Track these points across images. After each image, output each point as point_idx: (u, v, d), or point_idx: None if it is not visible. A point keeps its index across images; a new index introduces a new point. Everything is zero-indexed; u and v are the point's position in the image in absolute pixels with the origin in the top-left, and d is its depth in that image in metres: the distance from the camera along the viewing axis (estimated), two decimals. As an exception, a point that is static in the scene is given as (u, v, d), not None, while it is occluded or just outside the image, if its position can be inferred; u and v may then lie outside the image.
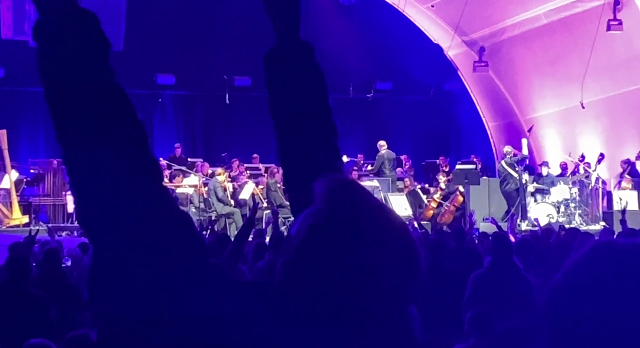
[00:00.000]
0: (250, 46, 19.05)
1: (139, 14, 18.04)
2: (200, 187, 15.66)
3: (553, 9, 16.89)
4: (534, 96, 18.98)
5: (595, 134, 17.27)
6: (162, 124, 20.05)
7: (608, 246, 1.06)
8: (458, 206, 15.59)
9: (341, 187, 1.28)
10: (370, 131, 19.81)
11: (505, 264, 5.88)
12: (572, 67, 16.93)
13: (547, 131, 18.76)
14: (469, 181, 15.31)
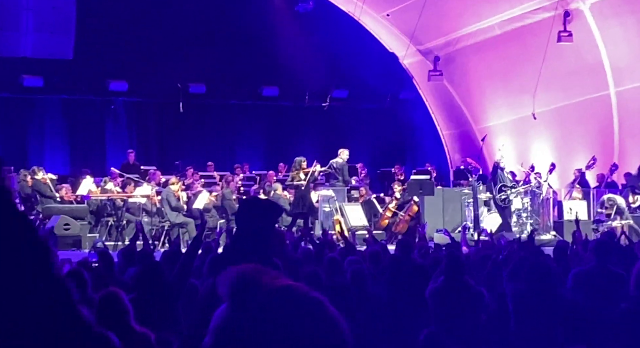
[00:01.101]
0: (205, 53, 18.95)
1: (91, 20, 17.75)
2: (153, 196, 15.44)
3: (506, 20, 17.11)
4: (488, 105, 19.20)
5: (546, 144, 17.54)
6: (115, 131, 19.74)
7: None
8: (413, 216, 15.66)
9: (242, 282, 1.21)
10: (326, 139, 19.81)
11: (458, 284, 5.90)
12: (524, 78, 17.17)
13: (500, 140, 18.97)
14: (424, 191, 15.41)
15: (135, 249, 8.71)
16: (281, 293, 1.20)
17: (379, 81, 20.00)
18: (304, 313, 1.19)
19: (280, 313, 1.18)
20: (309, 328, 1.18)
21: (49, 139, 19.04)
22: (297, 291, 1.22)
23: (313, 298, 1.22)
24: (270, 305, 1.18)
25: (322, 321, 1.20)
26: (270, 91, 20.53)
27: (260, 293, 1.19)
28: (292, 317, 1.19)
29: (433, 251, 8.99)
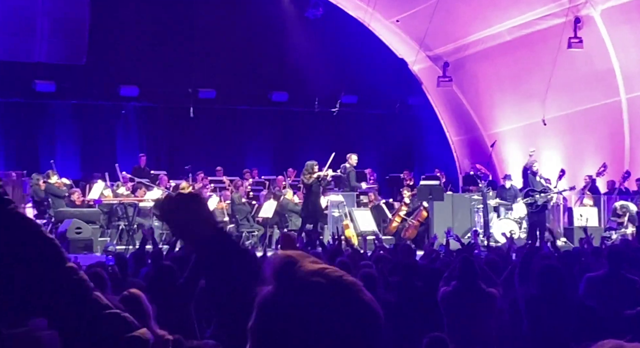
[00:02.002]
0: (216, 58, 19.04)
1: (103, 26, 17.87)
2: (164, 201, 15.47)
3: (516, 26, 17.12)
4: (497, 111, 19.19)
5: (556, 150, 17.51)
6: (126, 136, 19.84)
7: None
8: (422, 222, 15.65)
9: (285, 265, 1.28)
10: (335, 144, 19.82)
11: (471, 288, 5.92)
12: (534, 84, 17.16)
13: (509, 146, 18.97)
14: (433, 197, 15.39)
15: (145, 252, 8.76)
16: (319, 275, 1.26)
17: (388, 86, 20.03)
18: (340, 295, 1.25)
19: (317, 294, 1.24)
20: (345, 310, 1.24)
21: (61, 144, 19.14)
22: (333, 274, 1.27)
23: (349, 281, 1.28)
24: (308, 286, 1.25)
25: (357, 303, 1.26)
26: (280, 97, 20.59)
27: (300, 275, 1.26)
28: (328, 298, 1.24)
29: (444, 256, 9.00)
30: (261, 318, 1.27)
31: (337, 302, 1.25)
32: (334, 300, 1.25)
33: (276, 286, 1.27)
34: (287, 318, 1.24)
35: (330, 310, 1.24)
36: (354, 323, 1.24)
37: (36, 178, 15.15)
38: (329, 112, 20.63)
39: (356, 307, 1.26)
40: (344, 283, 1.27)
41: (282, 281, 1.26)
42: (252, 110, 20.72)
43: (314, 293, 1.24)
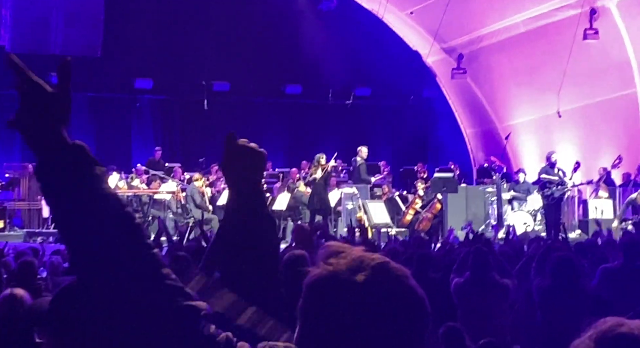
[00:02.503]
0: (230, 51, 19.06)
1: (118, 19, 17.94)
2: (178, 193, 15.58)
3: (531, 18, 17.03)
4: (511, 103, 19.12)
5: (571, 142, 17.42)
6: (140, 129, 19.95)
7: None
8: (436, 214, 15.64)
9: (336, 253, 1.34)
10: (349, 137, 19.83)
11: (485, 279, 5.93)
12: (549, 75, 17.08)
13: (524, 138, 18.90)
14: (447, 189, 15.37)
15: (160, 244, 8.82)
16: (367, 259, 1.31)
17: (402, 79, 19.99)
18: (387, 280, 1.29)
19: (366, 279, 1.28)
20: (391, 295, 1.28)
21: (76, 136, 18.98)
22: (380, 260, 1.32)
23: (395, 267, 1.32)
24: (355, 268, 1.29)
25: (403, 288, 1.30)
26: (294, 89, 20.60)
27: (348, 258, 1.31)
28: (376, 283, 1.28)
29: (458, 248, 9.01)
30: (310, 300, 1.31)
31: (383, 285, 1.28)
32: (380, 282, 1.28)
33: (325, 268, 1.31)
34: (335, 299, 1.27)
35: (377, 292, 1.27)
36: (399, 306, 1.28)
37: (52, 170, 15.24)
38: (343, 105, 20.63)
39: (402, 291, 1.29)
40: (390, 268, 1.31)
41: (331, 264, 1.30)
42: (266, 102, 20.75)
43: (361, 275, 1.28)
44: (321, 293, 1.29)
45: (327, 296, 1.28)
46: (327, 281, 1.30)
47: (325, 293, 1.29)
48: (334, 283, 1.29)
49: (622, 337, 1.08)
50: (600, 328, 1.11)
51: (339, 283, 1.28)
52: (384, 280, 1.28)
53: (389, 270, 1.30)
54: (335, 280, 1.29)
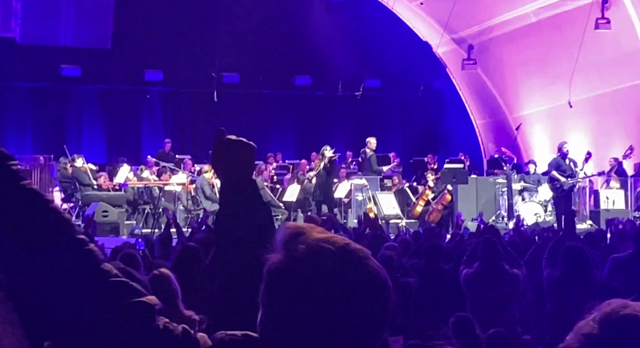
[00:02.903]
0: (239, 43, 19.06)
1: (127, 11, 17.96)
2: (188, 184, 15.63)
3: (542, 7, 16.93)
4: (522, 94, 19.04)
5: (582, 133, 17.34)
6: (150, 121, 20.00)
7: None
8: (446, 205, 15.61)
9: (293, 233, 1.32)
10: (359, 128, 19.82)
11: (494, 269, 5.92)
12: (560, 66, 16.99)
13: (535, 129, 18.83)
14: (457, 180, 15.34)
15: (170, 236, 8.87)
16: (326, 243, 1.29)
17: (412, 70, 19.94)
18: (347, 262, 1.28)
19: (325, 261, 1.27)
20: (352, 276, 1.27)
21: (87, 129, 19.36)
22: (340, 241, 1.31)
23: (356, 248, 1.31)
24: (315, 253, 1.28)
25: (364, 270, 1.28)
26: (304, 81, 20.59)
27: (308, 243, 1.29)
28: (335, 265, 1.27)
29: (468, 239, 9.00)
30: (270, 286, 1.30)
31: (343, 269, 1.27)
32: (341, 266, 1.27)
33: (285, 254, 1.30)
34: (295, 285, 1.27)
35: (338, 276, 1.26)
36: (361, 289, 1.27)
37: (63, 162, 15.34)
38: (353, 96, 20.60)
39: (363, 274, 1.28)
40: (350, 250, 1.30)
41: (290, 249, 1.29)
42: (276, 94, 20.75)
43: (321, 260, 1.27)
44: (281, 280, 1.28)
45: (286, 283, 1.27)
46: (286, 268, 1.28)
47: (285, 280, 1.28)
48: (294, 269, 1.27)
49: (626, 319, 1.08)
50: (605, 310, 1.11)
51: (298, 269, 1.27)
52: (345, 263, 1.27)
53: (349, 253, 1.29)
54: (294, 266, 1.27)
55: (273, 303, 1.29)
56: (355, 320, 1.26)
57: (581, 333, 1.10)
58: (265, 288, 1.31)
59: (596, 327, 1.10)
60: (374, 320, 1.28)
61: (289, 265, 1.28)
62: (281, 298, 1.28)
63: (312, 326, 1.25)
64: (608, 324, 1.09)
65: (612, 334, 1.08)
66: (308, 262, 1.27)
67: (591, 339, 1.08)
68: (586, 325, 1.11)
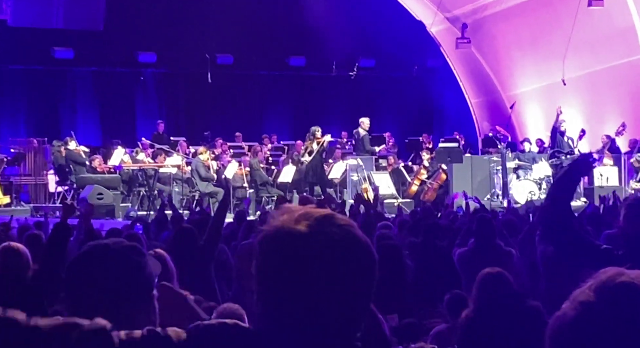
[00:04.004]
0: (233, 24, 18.95)
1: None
2: (183, 166, 15.63)
3: (535, -15, 16.87)
4: (516, 72, 19.02)
5: (576, 110, 17.35)
6: (144, 102, 19.94)
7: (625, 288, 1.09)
8: (441, 184, 15.65)
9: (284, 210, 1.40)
10: (354, 108, 19.80)
11: (489, 246, 5.96)
12: (553, 43, 16.96)
13: (529, 107, 18.84)
14: (452, 159, 15.36)
15: (165, 217, 8.89)
16: (309, 214, 1.36)
17: (406, 49, 19.87)
18: (332, 232, 1.32)
19: (311, 232, 1.32)
20: (337, 246, 1.31)
21: (81, 111, 19.30)
22: (324, 212, 1.36)
23: (341, 218, 1.36)
24: (301, 222, 1.34)
25: (348, 239, 1.33)
26: (298, 61, 20.53)
27: (295, 213, 1.36)
28: (321, 235, 1.32)
29: (462, 216, 9.05)
30: (261, 256, 1.35)
31: (328, 236, 1.31)
32: (326, 234, 1.31)
33: (274, 224, 1.35)
34: (284, 253, 1.32)
35: (322, 243, 1.30)
36: (345, 255, 1.31)
37: (57, 145, 15.32)
38: (347, 76, 20.55)
39: (347, 241, 1.32)
40: (334, 218, 1.35)
41: (279, 221, 1.35)
42: (270, 75, 20.70)
43: (308, 229, 1.32)
44: (269, 247, 1.34)
45: (275, 250, 1.33)
46: (274, 236, 1.34)
47: (273, 247, 1.33)
48: (281, 235, 1.33)
49: (621, 286, 1.11)
50: (600, 278, 1.14)
51: (285, 236, 1.32)
52: (328, 229, 1.32)
53: (333, 219, 1.34)
54: (281, 233, 1.33)
55: (264, 272, 1.34)
56: (342, 285, 1.30)
57: (578, 301, 1.12)
58: (256, 259, 1.35)
59: (592, 294, 1.12)
60: (360, 283, 1.32)
61: (276, 233, 1.34)
62: (271, 266, 1.33)
63: (302, 291, 1.30)
64: (604, 292, 1.11)
65: (608, 301, 1.10)
66: (294, 228, 1.32)
67: (587, 306, 1.10)
68: (582, 293, 1.13)
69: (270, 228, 1.36)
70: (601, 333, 1.07)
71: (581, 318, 1.10)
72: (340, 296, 1.30)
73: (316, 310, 1.30)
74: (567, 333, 1.10)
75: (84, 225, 6.23)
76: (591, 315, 1.09)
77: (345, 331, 1.32)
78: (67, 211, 5.09)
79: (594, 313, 1.09)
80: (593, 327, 1.08)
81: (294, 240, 1.31)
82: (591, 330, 1.08)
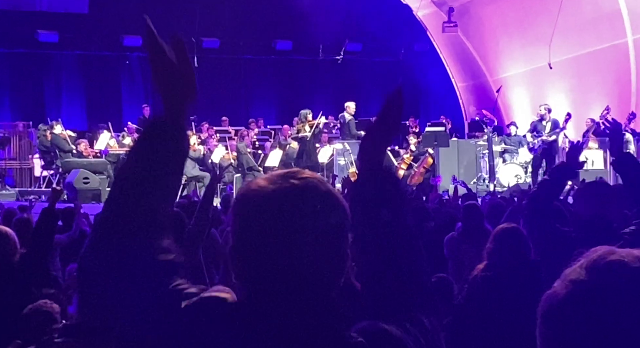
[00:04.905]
0: (219, 7, 18.86)
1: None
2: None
3: (521, -31, 16.86)
4: (503, 56, 19.05)
5: (562, 94, 17.42)
6: (130, 86, 19.83)
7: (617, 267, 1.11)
8: (428, 168, 15.69)
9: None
10: (340, 92, 19.78)
11: (476, 231, 6.00)
12: (540, 27, 16.98)
13: (515, 91, 18.89)
14: (439, 143, 15.40)
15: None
16: (271, 174, 1.42)
17: (392, 33, 19.85)
18: (294, 187, 1.36)
19: (280, 190, 1.37)
20: (300, 199, 1.35)
21: (66, 95, 19.17)
22: (288, 170, 1.42)
23: (305, 174, 1.40)
24: (274, 182, 1.39)
25: (312, 192, 1.36)
26: (284, 45, 20.45)
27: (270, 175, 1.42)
28: (287, 191, 1.36)
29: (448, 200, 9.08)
30: (233, 222, 1.39)
31: (290, 191, 1.35)
32: (287, 189, 1.35)
33: (240, 189, 1.42)
34: (249, 214, 1.36)
35: (284, 199, 1.34)
36: (310, 210, 1.34)
37: (43, 129, 15.22)
38: (334, 60, 20.52)
39: (310, 194, 1.35)
40: (298, 174, 1.39)
41: (255, 183, 1.41)
42: (257, 59, 20.63)
43: (269, 187, 1.37)
44: (237, 210, 1.38)
45: (242, 211, 1.37)
46: (240, 198, 1.39)
47: (240, 208, 1.38)
48: (246, 196, 1.38)
49: (612, 264, 1.12)
50: (591, 257, 1.15)
51: (249, 195, 1.37)
52: (290, 182, 1.36)
53: (296, 173, 1.38)
54: (246, 194, 1.38)
55: (236, 237, 1.38)
56: (311, 239, 1.33)
57: (568, 279, 1.13)
58: (231, 221, 1.40)
59: (583, 272, 1.13)
60: (331, 238, 1.35)
61: (243, 196, 1.39)
62: (241, 230, 1.37)
63: (272, 251, 1.33)
64: (595, 270, 1.12)
65: (599, 280, 1.11)
66: (258, 189, 1.37)
67: (578, 285, 1.12)
68: (573, 272, 1.14)
69: (239, 191, 1.42)
70: (592, 311, 1.09)
71: (572, 296, 1.11)
72: (310, 251, 1.32)
73: (289, 267, 1.32)
74: (558, 311, 1.12)
75: (79, 226, 6.44)
76: (582, 294, 1.11)
77: (320, 288, 1.34)
78: (55, 196, 5.08)
79: (585, 292, 1.10)
80: (584, 305, 1.09)
81: (257, 197, 1.35)
82: (582, 309, 1.09)
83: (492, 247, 4.22)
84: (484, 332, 4.15)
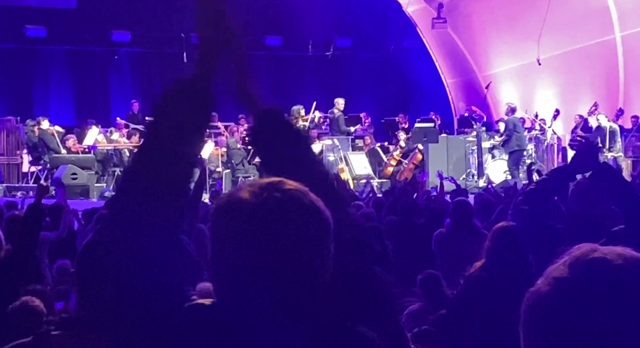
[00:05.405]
0: (208, 2, 18.77)
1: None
2: (159, 146, 15.50)
3: (510, -35, 16.89)
4: (492, 52, 19.09)
5: (551, 90, 17.49)
6: (119, 82, 19.76)
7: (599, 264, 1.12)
8: (417, 164, 15.73)
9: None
10: (330, 88, 19.78)
11: (465, 227, 6.01)
12: (529, 23, 17.02)
13: (504, 87, 18.94)
14: (428, 139, 15.43)
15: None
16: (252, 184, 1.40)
17: (382, 29, 19.86)
18: (277, 200, 1.35)
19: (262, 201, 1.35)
20: (281, 212, 1.33)
21: (54, 90, 19.08)
22: (270, 180, 1.40)
23: (292, 185, 1.38)
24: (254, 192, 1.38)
25: (294, 205, 1.35)
26: (274, 41, 20.42)
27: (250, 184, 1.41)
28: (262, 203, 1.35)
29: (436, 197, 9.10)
30: (211, 230, 1.39)
31: (272, 204, 1.34)
32: (269, 202, 1.34)
33: (220, 198, 1.41)
34: (228, 225, 1.35)
35: (266, 212, 1.33)
36: (292, 222, 1.33)
37: (30, 124, 15.15)
38: (324, 56, 20.51)
39: (292, 207, 1.34)
40: (281, 186, 1.37)
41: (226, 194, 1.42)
42: (246, 55, 20.56)
43: (250, 199, 1.35)
44: (216, 219, 1.37)
45: (221, 221, 1.36)
46: (219, 207, 1.38)
47: (219, 218, 1.37)
48: (225, 206, 1.36)
49: (595, 262, 1.13)
50: (574, 254, 1.16)
51: (229, 205, 1.36)
52: (272, 195, 1.34)
53: (278, 185, 1.37)
54: (226, 204, 1.37)
55: (214, 245, 1.37)
56: (292, 251, 1.32)
57: (551, 277, 1.14)
58: (210, 230, 1.39)
59: (566, 270, 1.14)
60: (310, 250, 1.34)
61: (223, 206, 1.38)
62: (219, 239, 1.36)
63: (250, 262, 1.32)
64: (577, 267, 1.13)
65: (582, 277, 1.11)
66: (238, 200, 1.36)
67: (561, 282, 1.12)
68: (556, 269, 1.15)
69: (218, 200, 1.41)
70: (574, 308, 1.09)
71: (554, 293, 1.12)
72: (290, 262, 1.32)
73: (268, 277, 1.31)
74: (540, 308, 1.12)
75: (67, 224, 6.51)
76: (564, 291, 1.11)
77: (299, 298, 1.33)
78: (42, 192, 5.05)
79: (567, 289, 1.11)
80: (566, 303, 1.10)
81: (237, 208, 1.33)
82: (564, 306, 1.10)
83: (490, 245, 4.21)
84: (478, 329, 4.16)
